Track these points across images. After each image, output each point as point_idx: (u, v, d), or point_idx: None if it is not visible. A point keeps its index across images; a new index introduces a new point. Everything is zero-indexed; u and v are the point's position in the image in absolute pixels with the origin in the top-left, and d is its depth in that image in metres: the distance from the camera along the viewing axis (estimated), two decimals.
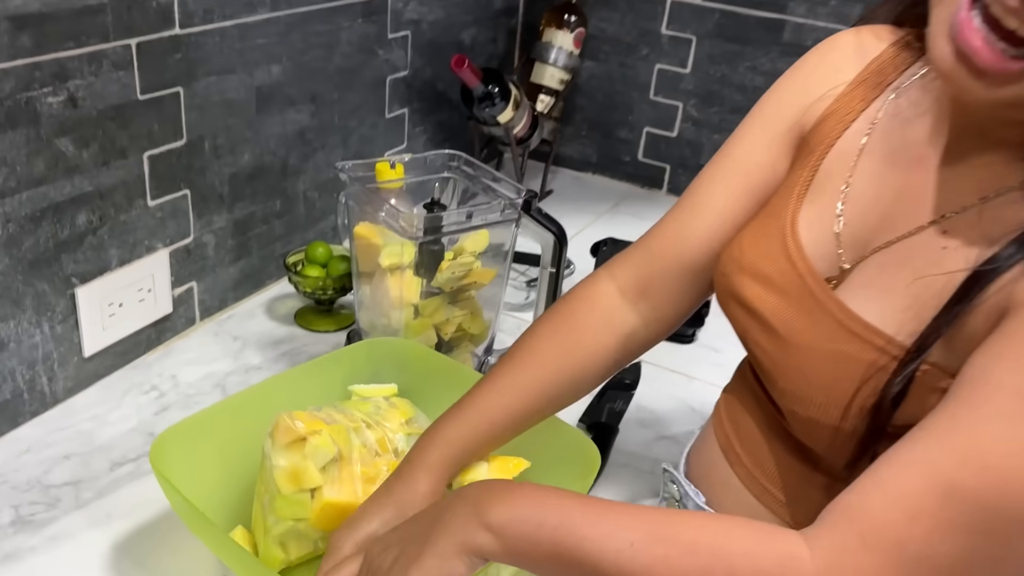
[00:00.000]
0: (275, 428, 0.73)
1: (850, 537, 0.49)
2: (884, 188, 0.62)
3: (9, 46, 0.78)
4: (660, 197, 1.66)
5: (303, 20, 1.12)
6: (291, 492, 0.71)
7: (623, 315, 0.75)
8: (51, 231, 0.88)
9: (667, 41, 1.58)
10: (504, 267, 0.96)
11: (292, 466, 0.71)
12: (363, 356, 0.89)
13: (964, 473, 0.48)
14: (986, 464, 0.48)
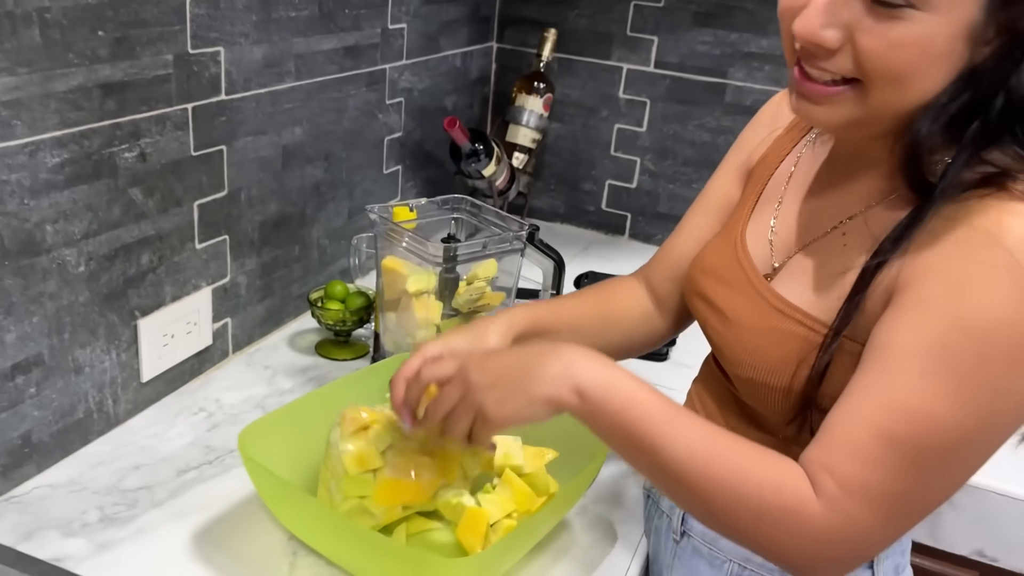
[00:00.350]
0: (343, 419, 0.86)
1: (831, 486, 0.64)
2: (803, 205, 0.82)
3: (99, 109, 0.93)
4: (623, 242, 1.85)
5: (320, 88, 1.29)
6: (357, 472, 0.85)
7: (645, 296, 0.97)
8: (121, 269, 1.01)
9: (624, 104, 1.79)
10: (511, 292, 1.12)
11: (358, 450, 0.85)
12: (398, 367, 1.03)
13: (894, 422, 0.63)
14: (909, 412, 0.63)
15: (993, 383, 0.62)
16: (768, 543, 0.67)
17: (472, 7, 1.72)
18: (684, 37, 1.72)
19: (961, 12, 0.61)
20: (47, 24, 0.85)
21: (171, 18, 0.99)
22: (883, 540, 0.67)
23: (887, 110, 0.67)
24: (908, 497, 0.65)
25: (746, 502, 0.66)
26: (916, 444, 0.63)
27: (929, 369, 0.63)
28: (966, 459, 0.65)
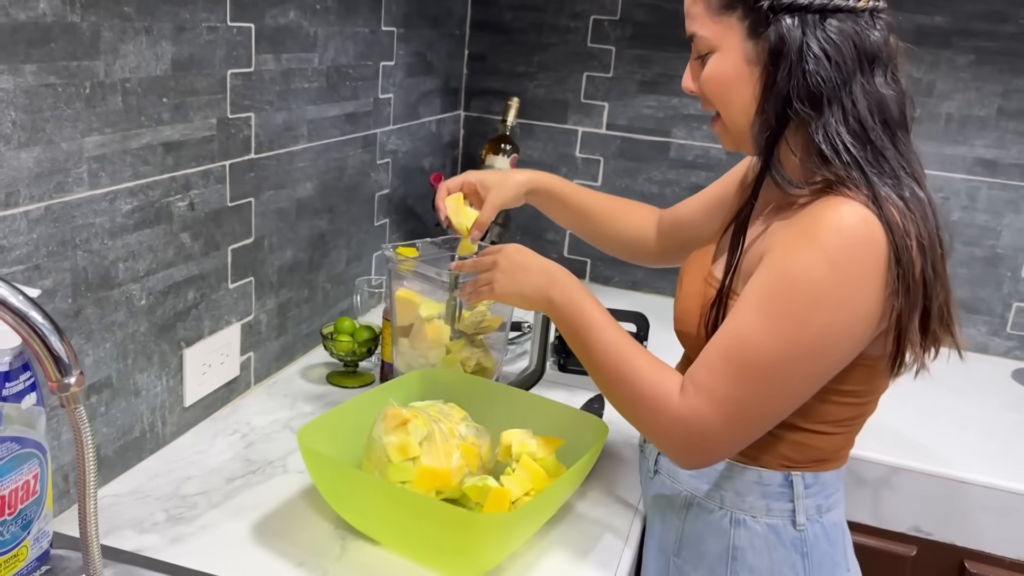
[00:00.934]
0: (385, 416, 1.02)
1: (690, 388, 0.88)
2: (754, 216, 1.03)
3: (161, 164, 1.09)
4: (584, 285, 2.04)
5: (326, 149, 1.46)
6: (399, 461, 1.00)
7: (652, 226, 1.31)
8: (173, 304, 1.16)
9: (581, 162, 2.01)
10: (508, 315, 1.29)
11: (400, 441, 1.00)
12: (417, 380, 1.19)
13: (730, 343, 0.87)
14: (738, 336, 0.86)
15: (795, 316, 0.84)
16: (643, 425, 0.94)
17: (444, 80, 1.92)
18: (631, 102, 1.95)
19: (734, 44, 0.89)
20: (127, 92, 1.01)
21: (216, 88, 1.16)
22: (725, 438, 0.89)
23: (737, 127, 0.93)
24: (740, 401, 0.87)
25: (631, 388, 0.92)
26: (741, 359, 0.86)
27: (755, 305, 0.86)
28: (782, 378, 0.86)
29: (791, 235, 0.86)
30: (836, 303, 0.83)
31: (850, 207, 0.83)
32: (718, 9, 0.90)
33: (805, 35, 0.85)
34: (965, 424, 1.50)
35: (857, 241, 0.82)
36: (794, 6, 0.86)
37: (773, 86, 0.87)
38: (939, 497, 1.35)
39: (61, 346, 0.67)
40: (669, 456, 0.94)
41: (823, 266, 0.82)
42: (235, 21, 1.18)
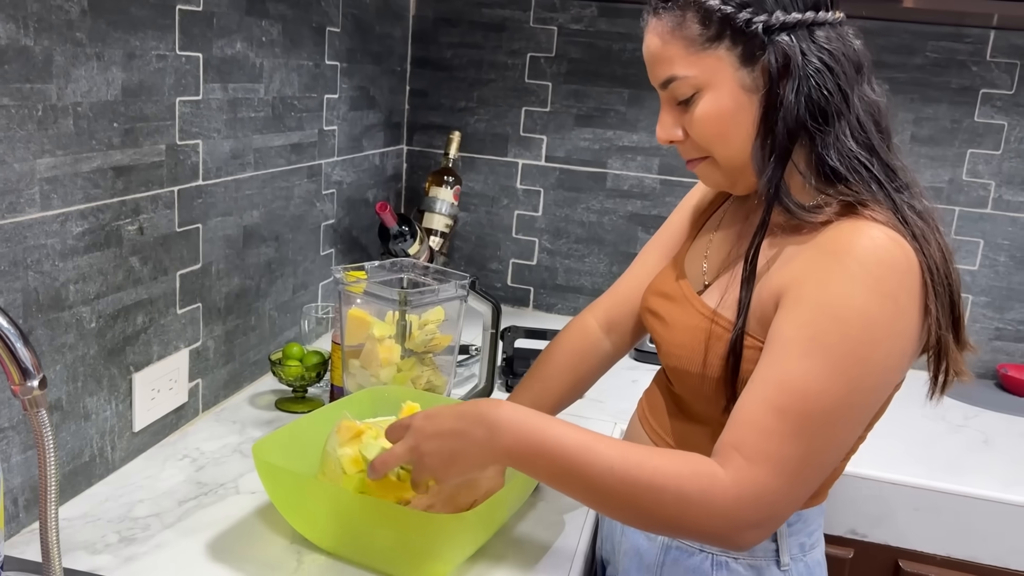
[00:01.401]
0: (339, 428, 1.04)
1: (738, 458, 0.79)
2: (728, 236, 1.02)
3: (111, 188, 1.10)
4: (528, 313, 2.09)
5: (272, 178, 1.49)
6: (353, 472, 1.01)
7: (601, 341, 1.18)
8: (122, 327, 1.16)
9: (522, 193, 2.07)
10: (456, 334, 1.33)
11: (354, 453, 1.02)
12: (368, 398, 1.21)
13: (782, 397, 0.79)
14: (792, 387, 0.79)
15: (855, 356, 0.79)
16: (695, 524, 0.80)
17: (386, 114, 1.97)
18: (569, 135, 2.02)
19: (727, 77, 0.86)
20: (79, 116, 1.03)
21: (165, 114, 1.18)
22: (790, 500, 0.81)
23: (734, 162, 0.90)
24: (803, 459, 0.79)
25: (666, 493, 0.79)
26: (801, 413, 0.79)
27: (805, 351, 0.79)
28: (845, 422, 0.81)
29: (821, 265, 0.82)
30: (892, 335, 0.80)
31: (879, 230, 0.80)
32: (702, 43, 0.86)
33: (804, 52, 0.84)
34: (893, 432, 1.56)
35: (898, 268, 0.79)
36: (787, 23, 0.84)
37: (777, 108, 0.85)
38: (873, 499, 1.41)
39: (26, 351, 0.68)
40: (731, 544, 0.81)
41: (872, 298, 0.79)
42: (184, 50, 1.20)
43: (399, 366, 1.28)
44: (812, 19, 0.86)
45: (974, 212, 1.86)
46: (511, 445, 0.85)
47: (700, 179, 0.98)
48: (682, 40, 0.87)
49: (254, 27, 1.37)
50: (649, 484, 0.80)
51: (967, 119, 1.83)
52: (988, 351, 1.91)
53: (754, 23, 0.85)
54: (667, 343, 0.99)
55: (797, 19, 0.85)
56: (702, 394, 0.95)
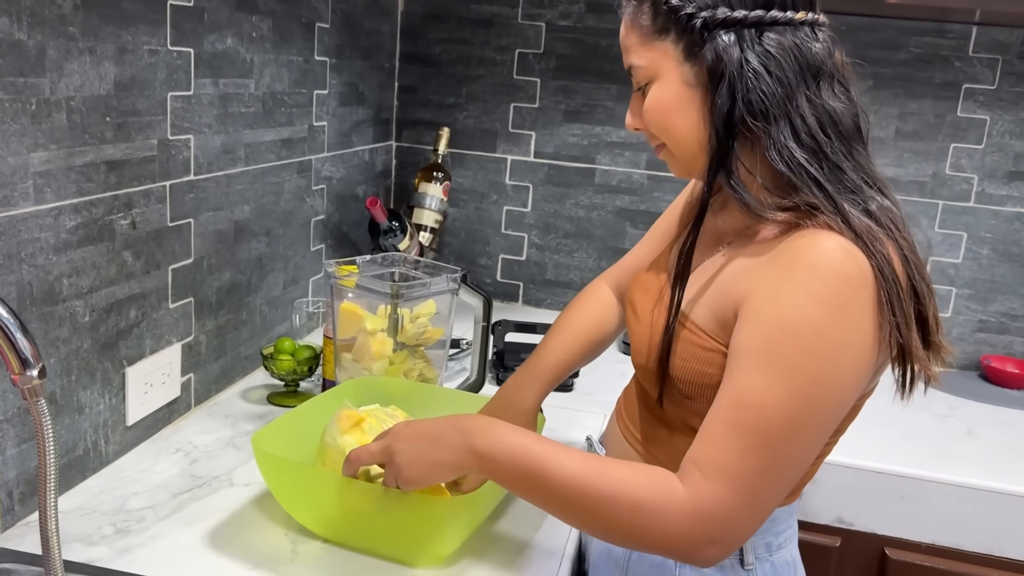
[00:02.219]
0: (339, 417, 1.04)
1: (696, 474, 0.79)
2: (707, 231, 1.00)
3: (104, 182, 1.10)
4: (518, 307, 2.10)
5: (263, 173, 1.49)
6: None
7: (616, 305, 1.21)
8: (115, 321, 1.16)
9: (511, 189, 2.08)
10: (448, 327, 1.34)
11: (356, 441, 1.03)
12: (357, 387, 1.22)
13: (739, 412, 0.78)
14: (747, 403, 0.78)
15: (809, 371, 0.77)
16: (650, 537, 0.80)
17: (375, 110, 1.98)
18: (557, 131, 2.03)
19: (671, 70, 0.87)
20: (72, 110, 1.03)
21: (157, 109, 1.19)
22: (749, 516, 0.79)
23: (683, 152, 0.90)
24: (761, 474, 0.78)
25: (623, 503, 0.80)
26: (756, 428, 0.78)
27: (760, 366, 0.78)
28: (802, 437, 0.79)
29: (774, 277, 0.81)
30: (845, 348, 0.78)
31: (833, 240, 0.79)
32: (651, 35, 0.87)
33: (743, 51, 0.83)
34: (880, 421, 1.59)
35: (850, 280, 0.78)
36: (729, 21, 0.83)
37: (714, 105, 0.84)
38: (859, 488, 1.43)
39: (25, 341, 0.69)
40: (692, 560, 0.81)
41: (825, 312, 0.77)
42: (175, 45, 1.21)
43: (391, 359, 1.29)
44: (760, 18, 0.83)
45: (957, 206, 1.89)
46: (482, 448, 0.87)
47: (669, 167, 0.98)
48: (638, 30, 0.89)
49: (244, 22, 1.37)
50: (607, 494, 0.81)
51: (950, 114, 1.85)
52: (972, 343, 1.93)
53: (695, 19, 0.84)
54: (634, 338, 1.00)
55: (742, 16, 0.83)
56: (648, 382, 0.96)
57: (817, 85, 0.85)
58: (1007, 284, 1.89)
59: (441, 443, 0.89)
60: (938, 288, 1.92)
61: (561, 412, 1.49)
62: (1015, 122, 1.83)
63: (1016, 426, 1.65)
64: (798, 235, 0.81)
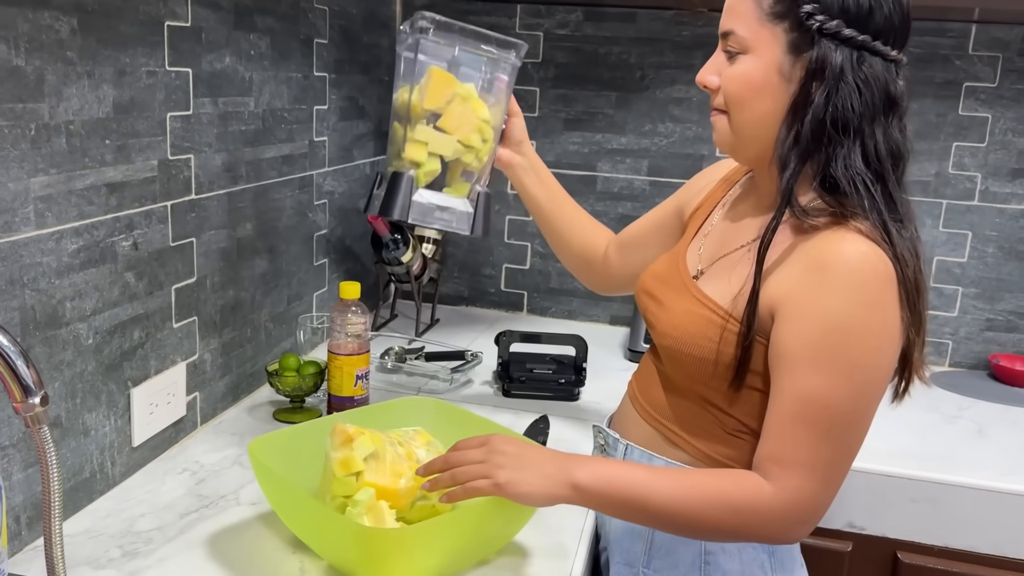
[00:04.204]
0: (333, 431, 1.04)
1: (776, 469, 0.90)
2: (724, 229, 1.09)
3: (105, 204, 1.11)
4: (522, 317, 2.10)
5: (265, 190, 1.50)
6: (342, 475, 1.01)
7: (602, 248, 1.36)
8: (119, 343, 1.16)
9: (512, 198, 2.08)
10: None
11: (344, 456, 1.02)
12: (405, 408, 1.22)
13: (805, 409, 0.89)
14: (811, 400, 0.89)
15: (860, 364, 0.89)
16: (750, 531, 0.93)
17: (376, 124, 1.98)
18: (558, 139, 2.03)
19: (772, 54, 0.94)
20: (71, 134, 1.03)
21: (156, 130, 1.19)
22: (826, 496, 0.91)
23: (743, 128, 0.97)
24: (831, 460, 0.90)
25: (720, 510, 0.91)
26: (824, 420, 0.89)
27: (815, 365, 0.89)
28: (859, 422, 0.91)
29: (814, 279, 0.89)
30: (885, 340, 0.89)
31: (862, 242, 0.88)
32: (768, 15, 0.93)
33: (843, 66, 0.90)
34: (890, 426, 1.57)
35: (880, 277, 0.88)
36: (840, 36, 0.91)
37: (806, 105, 0.92)
38: (869, 492, 1.43)
39: (27, 369, 0.69)
40: (786, 540, 0.96)
41: (865, 310, 0.88)
42: (173, 66, 1.21)
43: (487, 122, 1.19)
44: (866, 43, 0.91)
45: (961, 204, 1.88)
46: (583, 482, 0.94)
47: (713, 131, 1.03)
48: (754, 3, 0.94)
49: (242, 41, 1.38)
50: (704, 506, 0.92)
51: (952, 113, 1.84)
52: (980, 342, 1.92)
53: (813, 19, 0.91)
54: (662, 323, 1.05)
55: (851, 36, 0.91)
56: (692, 372, 1.02)
57: (890, 119, 0.93)
58: (1014, 282, 1.88)
59: (543, 471, 0.95)
60: (944, 288, 1.91)
61: (567, 422, 1.48)
62: (1017, 119, 1.82)
63: None
64: (828, 235, 0.90)
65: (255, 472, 1.03)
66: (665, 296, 1.07)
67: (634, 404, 1.13)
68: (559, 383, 1.58)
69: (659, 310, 1.07)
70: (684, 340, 1.01)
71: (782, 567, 1.05)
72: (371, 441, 1.05)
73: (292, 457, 1.08)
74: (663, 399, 1.07)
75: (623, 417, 1.16)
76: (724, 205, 1.13)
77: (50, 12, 0.98)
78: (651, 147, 2.00)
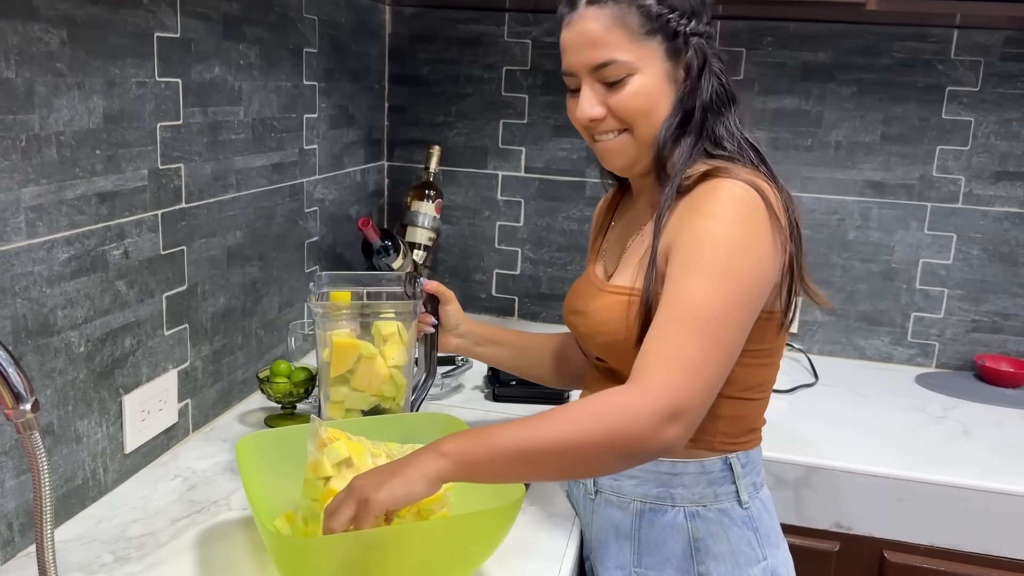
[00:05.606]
0: (312, 433, 1.05)
1: (643, 368, 0.92)
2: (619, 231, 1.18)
3: (95, 213, 1.12)
4: (514, 322, 2.11)
5: (254, 198, 1.51)
6: (311, 478, 1.02)
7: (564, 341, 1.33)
8: (110, 350, 1.18)
9: (503, 204, 2.09)
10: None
11: (315, 460, 1.03)
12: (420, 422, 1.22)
13: (675, 309, 0.94)
14: (680, 300, 0.94)
15: (730, 271, 0.95)
16: (621, 434, 0.88)
17: (366, 131, 1.99)
18: (547, 146, 2.05)
19: (656, 65, 1.04)
20: (62, 144, 1.05)
21: (146, 140, 1.20)
22: (700, 393, 0.91)
23: (649, 137, 1.05)
24: (702, 356, 0.92)
25: (589, 421, 0.88)
26: (693, 317, 0.93)
27: (684, 272, 0.96)
28: (730, 324, 0.94)
29: (690, 216, 0.99)
30: (751, 251, 0.96)
31: (733, 182, 0.99)
32: (640, 35, 1.02)
33: (708, 53, 1.05)
34: (875, 426, 1.60)
35: (748, 200, 0.97)
36: (698, 31, 1.05)
37: (697, 95, 1.04)
38: (856, 492, 1.44)
39: (18, 376, 0.70)
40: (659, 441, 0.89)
41: (732, 226, 0.96)
42: (163, 76, 1.23)
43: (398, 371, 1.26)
44: (710, 30, 1.07)
45: (946, 207, 1.90)
46: (452, 448, 0.90)
47: (606, 156, 1.10)
48: (624, 29, 1.02)
49: (232, 51, 1.39)
50: (571, 422, 0.89)
51: (935, 116, 1.87)
52: (965, 343, 1.94)
53: (681, 26, 1.04)
54: (590, 327, 1.11)
55: (704, 29, 1.06)
56: (625, 357, 1.03)
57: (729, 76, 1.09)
58: (998, 283, 1.90)
59: (410, 461, 0.90)
60: (930, 289, 1.93)
61: None
62: (999, 123, 1.85)
63: (1012, 425, 1.65)
64: (705, 185, 1.00)
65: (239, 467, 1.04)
66: (584, 304, 1.13)
67: None
68: (547, 387, 1.59)
69: (583, 318, 1.13)
70: (606, 330, 1.07)
71: (768, 541, 1.09)
72: (346, 448, 1.05)
73: (283, 457, 1.09)
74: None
75: None
76: (613, 222, 1.23)
77: (40, 24, 1.00)
78: None
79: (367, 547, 0.95)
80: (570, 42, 1.05)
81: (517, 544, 1.12)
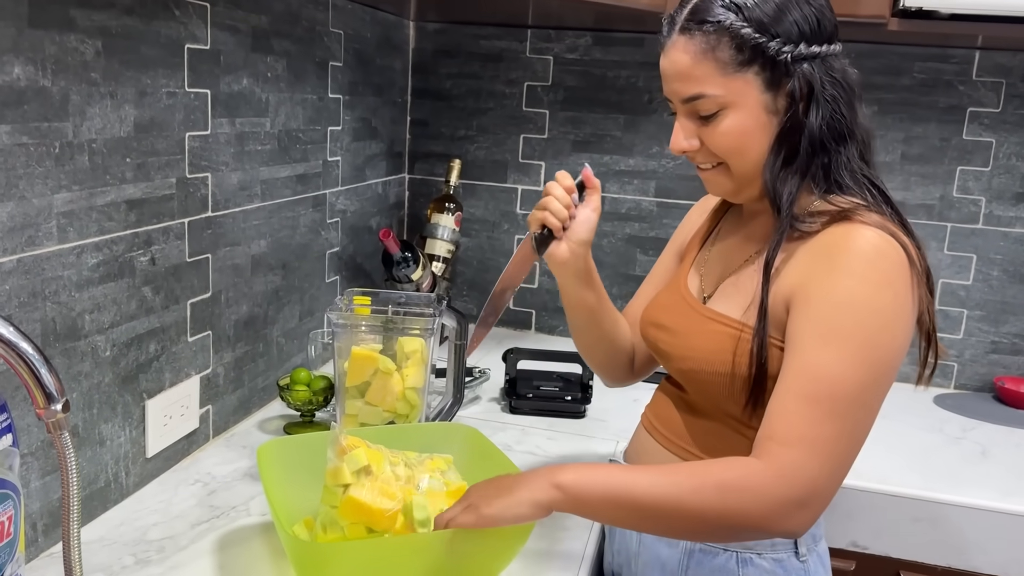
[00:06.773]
0: (333, 441, 1.06)
1: (772, 445, 0.86)
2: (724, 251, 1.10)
3: (124, 220, 1.14)
4: (530, 335, 2.12)
5: (278, 208, 1.53)
6: (331, 485, 1.02)
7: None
8: (135, 355, 1.19)
9: (522, 218, 2.11)
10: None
11: (335, 467, 1.04)
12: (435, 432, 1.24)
13: (809, 385, 0.87)
14: (816, 375, 0.87)
15: (869, 341, 0.88)
16: (741, 513, 0.85)
17: (388, 144, 2.02)
18: (566, 161, 2.07)
19: (752, 98, 0.95)
20: (94, 152, 1.07)
21: (175, 149, 1.22)
22: (829, 477, 0.86)
23: (746, 172, 0.99)
24: (836, 439, 0.86)
25: (709, 490, 0.86)
26: (829, 396, 0.86)
27: (823, 341, 0.88)
28: (867, 402, 0.88)
29: (824, 266, 0.91)
30: (895, 318, 0.89)
31: (870, 230, 0.90)
32: (733, 67, 0.94)
33: (821, 79, 0.94)
34: (894, 446, 1.60)
35: (890, 259, 0.89)
36: (808, 56, 0.94)
37: (800, 129, 0.94)
38: (873, 512, 1.44)
39: (50, 376, 0.72)
40: (785, 527, 0.86)
41: (875, 289, 0.88)
42: (192, 87, 1.25)
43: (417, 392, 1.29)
44: (826, 52, 0.96)
45: (966, 228, 1.90)
46: (567, 481, 0.90)
47: (707, 185, 1.05)
48: (714, 62, 0.95)
49: (259, 63, 1.42)
50: (691, 487, 0.86)
51: (956, 137, 1.87)
52: (985, 364, 1.93)
53: (783, 53, 0.94)
54: (678, 349, 1.05)
55: (816, 52, 0.95)
56: (714, 390, 1.01)
57: (861, 105, 0.98)
58: (1019, 305, 1.90)
59: (523, 483, 0.91)
60: (949, 310, 1.93)
61: (574, 439, 1.50)
62: (1021, 144, 1.84)
63: None
64: (837, 229, 0.92)
65: (260, 472, 1.05)
66: (675, 323, 1.07)
67: (652, 434, 1.13)
68: (565, 400, 1.60)
69: (672, 338, 1.07)
70: (703, 359, 1.00)
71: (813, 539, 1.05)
72: (366, 456, 1.05)
73: (303, 464, 1.10)
74: (685, 424, 1.08)
75: (640, 449, 1.16)
76: (718, 232, 1.15)
77: (76, 35, 1.02)
78: (658, 169, 2.03)
79: (386, 554, 0.96)
80: (664, 70, 0.99)
81: (536, 552, 1.12)
